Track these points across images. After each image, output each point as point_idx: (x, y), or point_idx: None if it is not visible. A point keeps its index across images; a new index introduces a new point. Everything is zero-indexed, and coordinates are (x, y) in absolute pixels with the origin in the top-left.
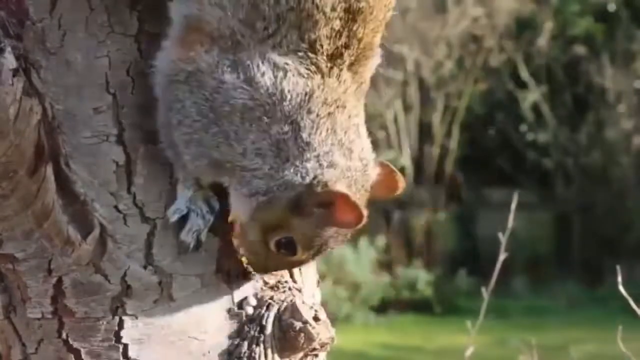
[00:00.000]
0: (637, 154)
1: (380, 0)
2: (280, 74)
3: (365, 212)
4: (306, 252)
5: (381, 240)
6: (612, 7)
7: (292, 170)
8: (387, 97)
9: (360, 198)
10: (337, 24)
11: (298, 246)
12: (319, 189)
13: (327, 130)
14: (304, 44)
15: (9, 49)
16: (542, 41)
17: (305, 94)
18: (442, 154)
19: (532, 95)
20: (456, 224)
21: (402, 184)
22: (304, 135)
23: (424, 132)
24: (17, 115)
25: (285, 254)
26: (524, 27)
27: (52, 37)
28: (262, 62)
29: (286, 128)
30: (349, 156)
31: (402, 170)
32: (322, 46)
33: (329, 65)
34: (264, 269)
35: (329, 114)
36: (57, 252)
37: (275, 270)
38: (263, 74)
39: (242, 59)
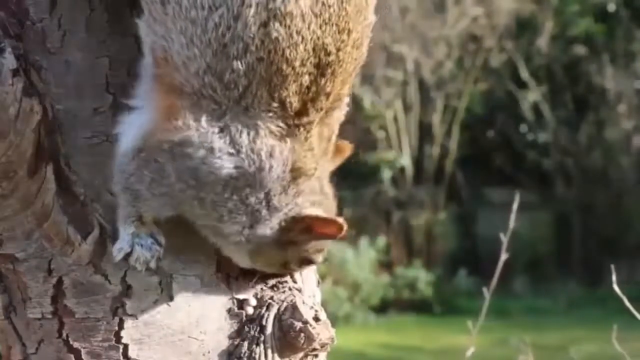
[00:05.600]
0: (637, 154)
1: (349, 53)
2: (259, 141)
3: (341, 221)
4: (321, 255)
5: (381, 240)
6: (612, 7)
7: (263, 227)
8: (387, 97)
9: (329, 211)
10: (306, 79)
11: (312, 258)
12: (291, 222)
13: (295, 193)
14: (275, 103)
15: (9, 49)
16: (542, 41)
17: (281, 161)
18: (442, 154)
19: (532, 96)
20: (456, 224)
21: (348, 145)
22: (274, 201)
23: (424, 132)
24: (18, 115)
25: (307, 266)
26: (524, 27)
27: (53, 37)
28: (243, 127)
29: (261, 196)
30: (313, 203)
31: (402, 170)
32: (291, 104)
33: (297, 123)
34: (290, 273)
35: (295, 178)
36: (57, 253)
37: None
38: (241, 137)
39: (227, 124)
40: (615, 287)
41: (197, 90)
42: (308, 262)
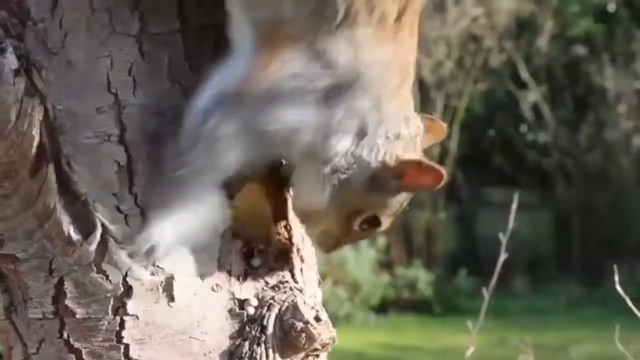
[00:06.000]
0: (637, 154)
1: None
2: (359, 49)
3: (442, 170)
4: (388, 221)
5: (381, 240)
6: (612, 7)
7: (367, 148)
8: None
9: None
10: None
11: (382, 218)
12: (392, 163)
13: (397, 102)
14: (375, 17)
15: (10, 49)
16: (542, 41)
17: (384, 65)
18: (442, 154)
19: (532, 96)
20: (456, 224)
21: (442, 126)
22: (383, 109)
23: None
24: (19, 115)
25: (368, 230)
26: (524, 27)
27: (54, 37)
28: (339, 44)
29: (367, 103)
30: (408, 124)
31: None
32: (389, 14)
33: (396, 30)
34: (336, 247)
35: (400, 84)
36: (58, 253)
37: (351, 243)
38: (339, 55)
39: (324, 45)
40: (618, 288)
41: (303, 33)
42: (375, 222)
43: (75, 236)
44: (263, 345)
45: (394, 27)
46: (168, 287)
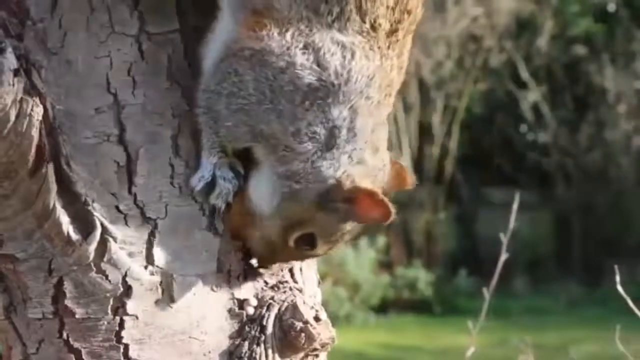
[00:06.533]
0: (637, 155)
1: None
2: (349, 55)
3: (392, 209)
4: (325, 246)
5: (381, 240)
6: (612, 7)
7: (328, 162)
8: None
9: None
10: (391, 1)
11: (319, 241)
12: (347, 184)
13: (372, 121)
14: (366, 25)
15: (10, 49)
16: (542, 41)
17: (368, 76)
18: (442, 154)
19: (532, 96)
20: (456, 224)
21: (411, 179)
22: (356, 124)
23: (424, 132)
24: (18, 115)
25: (304, 249)
26: (524, 27)
27: (53, 37)
28: (332, 44)
29: (345, 113)
30: (375, 155)
31: None
32: (380, 25)
33: (386, 44)
34: (272, 261)
35: (379, 102)
36: (57, 253)
37: (284, 262)
38: (333, 55)
39: (315, 41)
40: (619, 288)
41: (297, 20)
42: (311, 242)
43: (74, 236)
44: (262, 345)
45: (385, 41)
46: (167, 287)
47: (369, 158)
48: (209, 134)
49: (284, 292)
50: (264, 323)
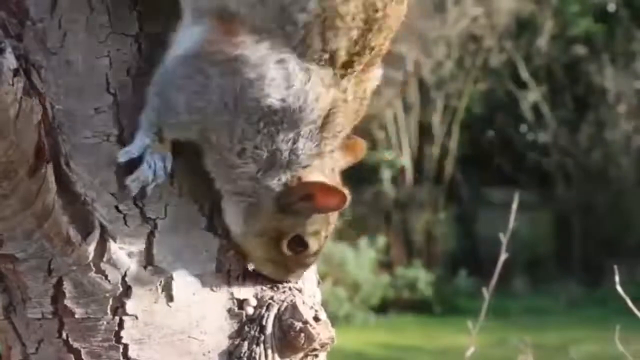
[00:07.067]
0: (637, 155)
1: (394, 9)
2: (310, 82)
3: (346, 192)
4: (317, 241)
5: (381, 240)
6: (612, 7)
7: (271, 177)
8: (387, 97)
9: (334, 179)
10: (354, 34)
11: (307, 239)
12: (295, 184)
13: (316, 144)
14: (326, 55)
15: (9, 49)
16: (542, 41)
17: (320, 106)
18: (442, 154)
19: (532, 96)
20: (456, 224)
21: (363, 146)
22: (299, 146)
23: (424, 132)
24: (18, 115)
25: (300, 251)
26: (524, 27)
27: (53, 37)
28: (296, 66)
29: (290, 136)
30: (322, 159)
31: (402, 170)
32: (339, 57)
33: (341, 75)
34: (287, 274)
35: (324, 125)
36: (57, 253)
37: (299, 270)
38: (296, 77)
39: (285, 59)
40: (619, 288)
41: (261, 27)
42: (301, 242)
43: (74, 236)
44: (262, 345)
45: (341, 71)
46: (167, 287)
47: (316, 163)
48: (152, 116)
49: (284, 292)
50: (264, 323)
